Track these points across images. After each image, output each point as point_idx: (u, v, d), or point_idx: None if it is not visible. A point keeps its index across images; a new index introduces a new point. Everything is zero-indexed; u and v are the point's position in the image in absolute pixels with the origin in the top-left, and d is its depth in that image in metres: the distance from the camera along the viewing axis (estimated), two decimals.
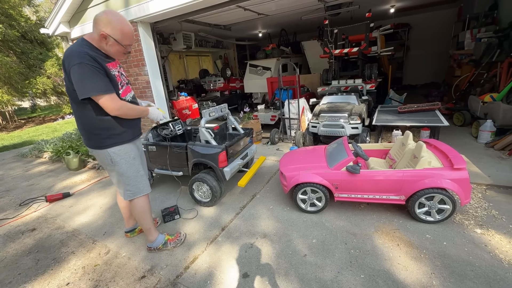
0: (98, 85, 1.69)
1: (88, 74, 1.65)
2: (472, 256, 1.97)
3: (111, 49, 1.80)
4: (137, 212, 2.21)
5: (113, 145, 1.94)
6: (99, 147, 1.94)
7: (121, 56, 1.89)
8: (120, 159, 1.99)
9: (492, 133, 3.97)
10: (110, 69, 1.80)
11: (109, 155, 1.96)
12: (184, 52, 10.10)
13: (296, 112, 4.94)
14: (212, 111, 3.07)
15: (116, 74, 1.88)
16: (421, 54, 10.02)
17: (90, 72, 1.65)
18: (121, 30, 1.74)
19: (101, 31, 1.71)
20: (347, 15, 6.96)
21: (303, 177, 2.61)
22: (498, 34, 5.40)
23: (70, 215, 3.19)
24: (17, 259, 2.47)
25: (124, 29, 1.75)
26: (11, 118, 13.47)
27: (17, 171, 5.19)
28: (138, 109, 2.01)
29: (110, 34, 1.72)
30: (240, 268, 2.08)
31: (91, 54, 1.69)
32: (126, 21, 1.79)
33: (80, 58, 1.63)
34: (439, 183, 2.21)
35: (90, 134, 1.93)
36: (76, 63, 1.63)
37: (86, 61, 1.64)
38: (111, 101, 1.75)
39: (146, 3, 4.32)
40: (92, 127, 1.89)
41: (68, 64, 1.65)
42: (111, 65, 1.84)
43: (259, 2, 5.13)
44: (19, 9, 11.78)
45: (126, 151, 2.01)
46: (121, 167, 2.02)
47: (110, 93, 1.75)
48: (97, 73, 1.68)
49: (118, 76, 1.90)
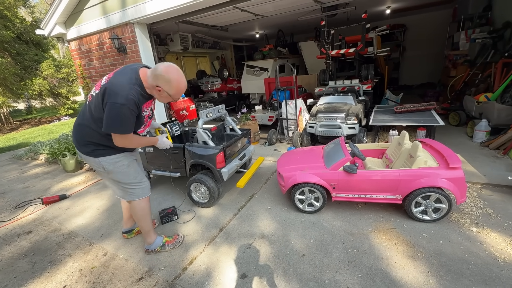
0: (124, 128, 1.74)
1: (124, 118, 1.68)
2: (468, 254, 1.99)
3: (160, 98, 1.83)
4: (137, 214, 2.21)
5: (106, 155, 1.96)
6: (92, 155, 1.95)
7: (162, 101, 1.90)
8: (114, 168, 2.00)
9: (487, 133, 4.02)
10: (143, 110, 1.84)
11: (100, 163, 1.97)
12: (181, 53, 10.09)
13: (294, 113, 4.96)
14: (209, 112, 3.07)
15: (146, 114, 1.92)
16: (417, 54, 10.11)
17: (126, 117, 1.69)
18: (177, 89, 1.77)
19: (159, 85, 1.73)
20: (344, 16, 7.00)
21: (300, 177, 2.62)
22: (492, 35, 5.47)
23: (67, 217, 3.17)
24: (13, 262, 2.45)
25: (180, 88, 1.78)
26: (6, 120, 13.32)
27: (12, 173, 5.13)
28: (146, 141, 2.07)
29: (166, 90, 1.75)
30: (238, 268, 2.08)
31: (136, 99, 1.69)
32: (183, 80, 1.80)
33: (127, 101, 1.65)
34: (435, 182, 2.23)
35: (87, 142, 1.93)
36: (120, 103, 1.63)
37: (130, 106, 1.67)
38: (121, 139, 1.81)
39: (142, 4, 4.32)
40: (93, 138, 1.90)
41: (113, 97, 1.64)
42: (146, 104, 1.87)
43: (256, 3, 5.15)
44: (14, 10, 11.66)
45: (118, 160, 2.01)
46: (115, 175, 2.03)
47: (127, 133, 1.79)
48: (131, 119, 1.72)
49: (147, 116, 1.95)
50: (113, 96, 1.64)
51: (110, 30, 4.94)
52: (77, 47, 5.64)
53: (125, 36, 4.85)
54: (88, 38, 5.34)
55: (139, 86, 1.74)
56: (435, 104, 4.28)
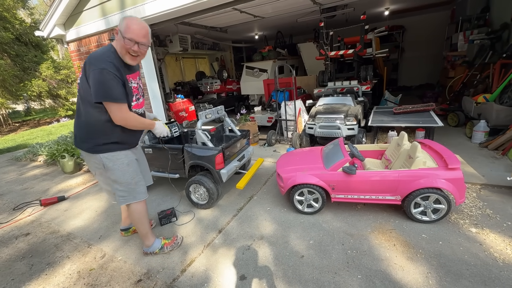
0: (113, 93, 1.75)
1: (107, 81, 1.72)
2: (468, 255, 1.99)
3: (118, 46, 1.82)
4: (134, 218, 2.20)
5: (107, 151, 1.96)
6: (93, 151, 1.95)
7: (129, 58, 1.85)
8: (113, 165, 1.99)
9: (486, 133, 4.02)
10: (129, 80, 1.86)
11: (101, 160, 1.96)
12: (180, 54, 10.10)
13: (293, 114, 4.96)
14: (208, 113, 3.07)
15: (134, 86, 1.93)
16: (416, 55, 10.14)
17: (110, 79, 1.72)
18: (127, 24, 1.77)
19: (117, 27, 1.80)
20: (342, 18, 7.02)
21: (300, 178, 2.61)
22: (490, 36, 5.50)
23: (65, 219, 3.16)
24: (10, 264, 2.43)
25: (130, 24, 1.77)
26: (5, 122, 13.30)
27: (11, 175, 5.11)
28: (144, 122, 2.05)
29: (119, 29, 1.79)
30: (237, 270, 2.07)
31: (114, 61, 1.76)
32: (139, 21, 1.81)
33: (106, 65, 1.71)
34: (434, 183, 2.23)
35: (88, 137, 1.94)
36: (99, 68, 1.69)
37: (109, 69, 1.71)
38: (119, 111, 1.81)
39: (142, 5, 4.32)
40: (92, 130, 1.91)
41: (90, 66, 1.72)
42: (131, 76, 1.91)
43: (255, 5, 5.15)
44: (13, 11, 11.66)
45: (119, 158, 2.01)
46: (113, 173, 2.01)
47: (121, 102, 1.81)
48: (116, 82, 1.75)
49: (136, 88, 1.96)
50: (93, 64, 1.71)
51: (109, 31, 4.94)
52: (76, 49, 5.64)
53: None
54: (87, 39, 5.34)
55: (113, 52, 1.81)
56: (434, 105, 4.29)
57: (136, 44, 1.78)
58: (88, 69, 1.73)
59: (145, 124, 2.06)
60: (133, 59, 1.86)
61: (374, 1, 6.39)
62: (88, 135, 1.93)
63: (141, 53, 1.86)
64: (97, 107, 1.81)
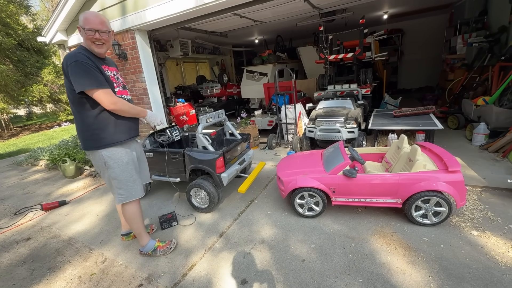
0: (93, 80, 1.81)
1: (84, 70, 1.79)
2: (469, 258, 1.98)
3: (84, 42, 1.92)
4: (128, 217, 2.24)
5: (107, 146, 1.99)
6: (94, 147, 2.00)
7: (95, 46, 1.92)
8: (113, 163, 2.04)
9: (486, 136, 4.03)
10: (105, 70, 1.94)
11: (103, 157, 2.01)
12: (181, 59, 10.17)
13: (293, 117, 4.98)
14: (209, 117, 3.09)
15: (111, 75, 2.00)
16: (415, 58, 10.19)
17: (86, 68, 1.80)
18: (84, 17, 1.87)
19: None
20: (342, 22, 7.09)
21: (300, 181, 2.62)
22: (489, 39, 5.54)
23: (66, 223, 3.16)
24: (11, 269, 2.43)
25: (86, 16, 1.88)
26: (6, 126, 13.36)
27: (12, 179, 5.13)
28: (135, 107, 2.09)
29: (79, 25, 1.89)
30: (238, 274, 2.07)
31: (86, 54, 1.86)
32: (94, 12, 1.94)
33: (76, 57, 1.80)
34: (435, 186, 2.23)
35: (86, 134, 1.98)
36: (73, 62, 1.78)
37: (82, 60, 1.80)
38: (105, 95, 1.86)
39: (143, 11, 4.38)
40: (88, 127, 1.95)
41: (66, 64, 1.80)
42: (107, 67, 1.99)
43: (255, 10, 5.21)
44: (16, 17, 11.80)
45: (119, 156, 2.05)
46: (113, 171, 2.06)
47: (105, 87, 1.87)
48: (91, 70, 1.82)
49: (113, 78, 2.02)
50: (68, 61, 1.80)
51: None
52: None
53: (126, 42, 4.90)
54: None
55: (83, 49, 1.91)
56: (433, 108, 4.31)
57: (96, 32, 1.88)
58: (66, 69, 1.81)
59: (136, 109, 2.09)
60: (100, 47, 1.94)
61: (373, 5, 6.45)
62: (87, 134, 1.98)
63: (105, 40, 1.95)
64: (85, 103, 1.88)
